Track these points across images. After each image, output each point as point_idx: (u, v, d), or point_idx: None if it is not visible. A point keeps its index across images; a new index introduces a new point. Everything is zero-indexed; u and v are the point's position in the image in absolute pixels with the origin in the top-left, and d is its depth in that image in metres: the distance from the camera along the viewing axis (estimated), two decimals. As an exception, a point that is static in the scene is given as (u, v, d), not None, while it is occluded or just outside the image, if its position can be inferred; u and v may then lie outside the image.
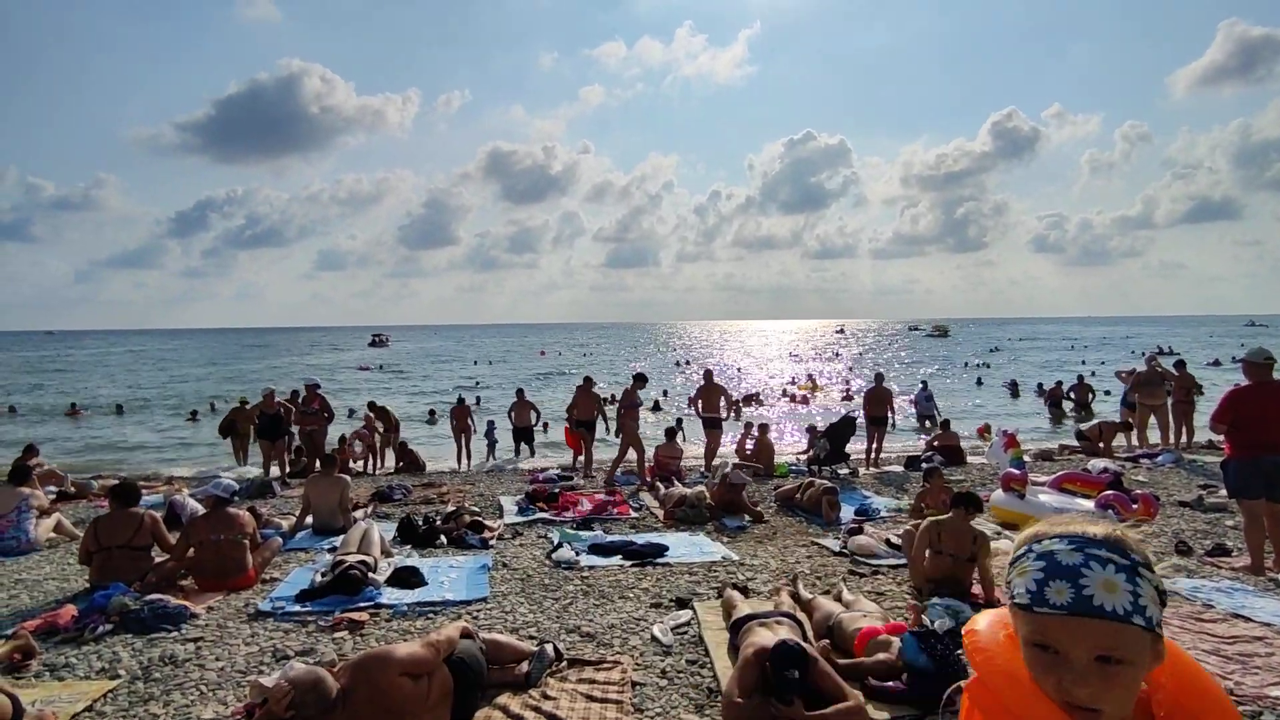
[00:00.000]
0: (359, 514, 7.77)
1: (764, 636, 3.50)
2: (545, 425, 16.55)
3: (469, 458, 13.88)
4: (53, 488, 9.43)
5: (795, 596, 4.91)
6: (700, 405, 11.69)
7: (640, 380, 11.28)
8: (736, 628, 3.86)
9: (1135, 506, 6.48)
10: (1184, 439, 12.38)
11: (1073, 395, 21.15)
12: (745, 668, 3.28)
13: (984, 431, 16.86)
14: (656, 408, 25.00)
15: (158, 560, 5.70)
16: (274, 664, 4.11)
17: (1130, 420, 12.64)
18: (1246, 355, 5.79)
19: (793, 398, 28.22)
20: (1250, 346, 6.02)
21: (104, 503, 8.31)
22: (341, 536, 6.37)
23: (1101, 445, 11.95)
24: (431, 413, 24.78)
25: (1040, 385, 26.96)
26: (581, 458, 11.62)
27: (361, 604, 5.03)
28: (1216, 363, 36.58)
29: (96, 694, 3.74)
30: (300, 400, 11.81)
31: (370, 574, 5.38)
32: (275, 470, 11.22)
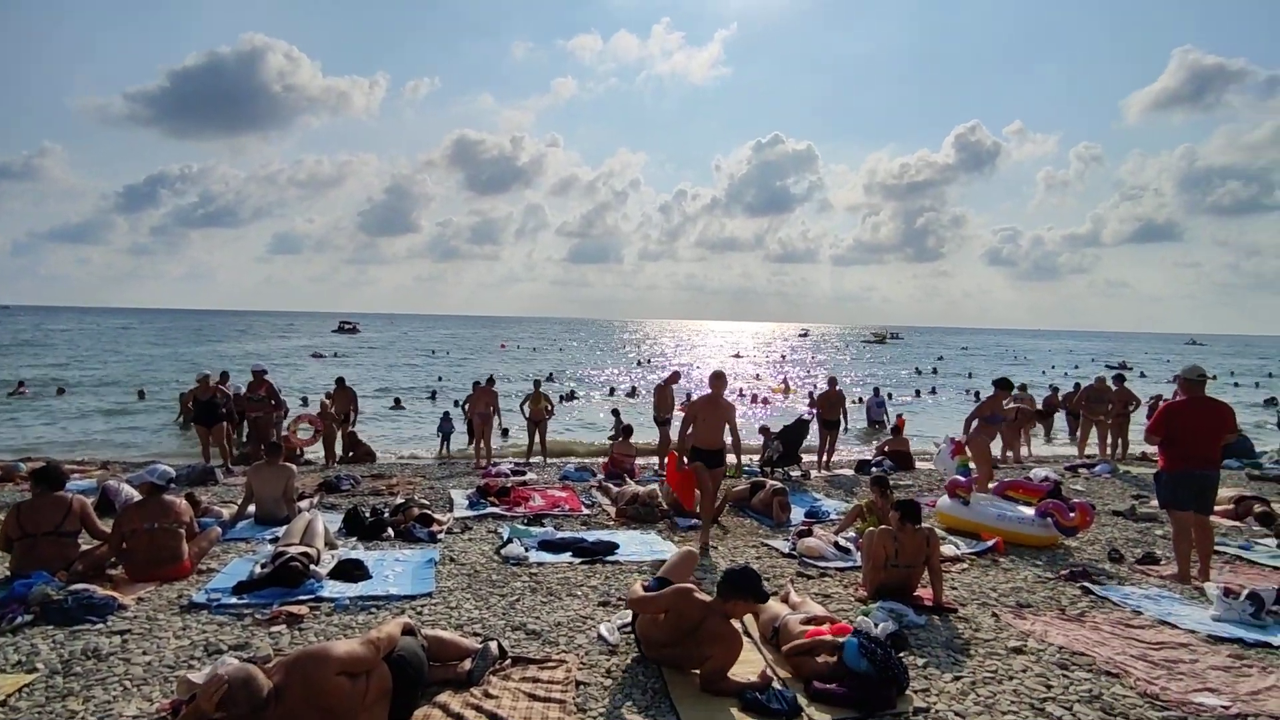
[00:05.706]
0: (304, 504, 7.56)
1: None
2: (505, 432, 14.98)
3: (486, 446, 11.96)
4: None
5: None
6: (655, 404, 11.85)
7: (1006, 384, 8.93)
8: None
9: (1072, 515, 6.69)
10: (1119, 450, 12.88)
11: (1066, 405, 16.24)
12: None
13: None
14: (634, 393, 28.28)
15: (85, 548, 5.46)
16: (205, 659, 3.96)
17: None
18: (1182, 372, 6.02)
19: (754, 398, 28.23)
20: (1188, 364, 6.25)
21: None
22: (285, 527, 6.20)
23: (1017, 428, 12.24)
24: (397, 401, 24.25)
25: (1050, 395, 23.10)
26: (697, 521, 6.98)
27: (301, 597, 4.89)
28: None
29: (11, 688, 3.56)
30: (247, 387, 11.47)
31: (312, 566, 5.24)
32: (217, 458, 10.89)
